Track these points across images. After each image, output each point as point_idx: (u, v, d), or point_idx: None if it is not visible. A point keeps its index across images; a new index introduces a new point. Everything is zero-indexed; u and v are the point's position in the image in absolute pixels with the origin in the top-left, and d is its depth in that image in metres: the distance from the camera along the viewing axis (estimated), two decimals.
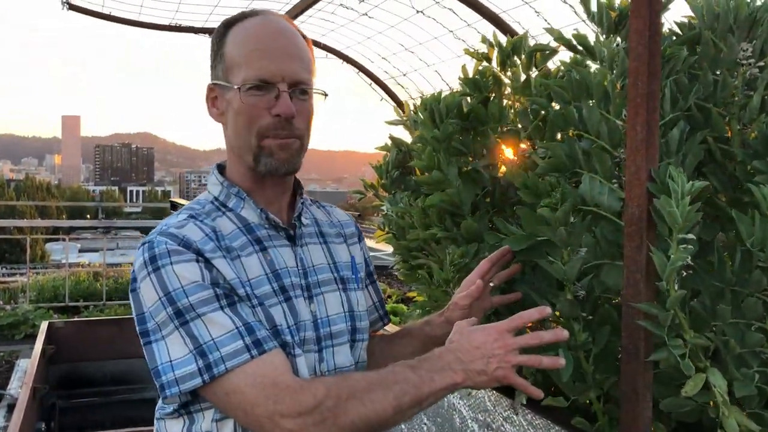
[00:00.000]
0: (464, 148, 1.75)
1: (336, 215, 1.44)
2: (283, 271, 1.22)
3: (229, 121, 1.23)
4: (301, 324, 1.20)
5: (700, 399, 1.30)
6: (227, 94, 1.21)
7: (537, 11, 2.74)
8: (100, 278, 8.79)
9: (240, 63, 1.18)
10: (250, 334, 1.08)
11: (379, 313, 1.50)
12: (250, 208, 1.24)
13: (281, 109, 1.17)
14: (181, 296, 1.08)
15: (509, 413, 1.79)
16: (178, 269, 1.10)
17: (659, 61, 1.24)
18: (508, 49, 1.73)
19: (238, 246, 1.19)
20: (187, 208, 1.24)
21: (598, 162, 1.39)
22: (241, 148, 1.22)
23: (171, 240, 1.12)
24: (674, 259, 1.19)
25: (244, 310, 1.12)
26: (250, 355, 1.06)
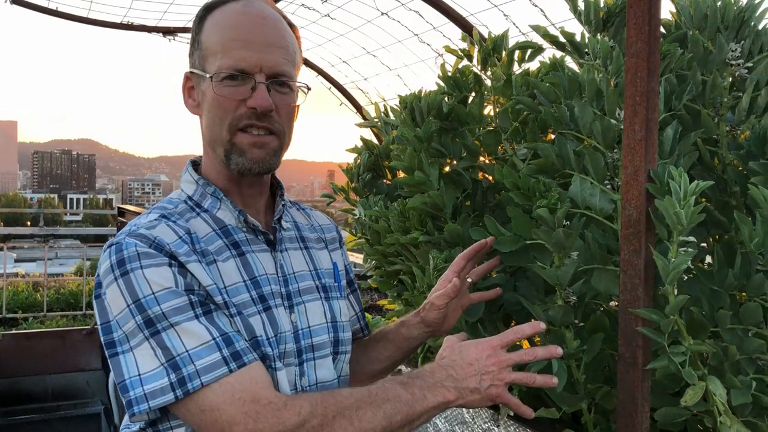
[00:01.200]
0: (443, 149, 1.69)
1: (316, 219, 1.35)
2: (263, 279, 1.12)
3: (203, 114, 1.13)
4: (282, 336, 1.11)
5: (697, 408, 1.25)
6: (202, 84, 1.12)
7: (505, 14, 2.71)
8: (40, 288, 8.42)
9: (216, 51, 1.09)
10: (228, 346, 0.99)
11: (360, 324, 1.42)
12: (227, 210, 1.14)
13: (257, 101, 1.07)
14: (152, 304, 0.98)
15: (489, 425, 1.72)
16: (149, 274, 0.99)
17: (658, 57, 1.19)
18: (489, 47, 1.68)
19: (214, 250, 1.09)
20: (158, 208, 1.14)
21: (591, 162, 1.34)
22: (215, 142, 1.12)
23: (141, 242, 1.02)
24: (677, 263, 1.14)
25: (221, 319, 1.02)
26: (229, 369, 0.97)
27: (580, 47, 1.48)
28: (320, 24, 4.01)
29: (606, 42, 1.33)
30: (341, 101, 4.70)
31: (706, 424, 1.36)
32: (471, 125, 1.69)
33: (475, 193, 1.68)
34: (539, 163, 1.44)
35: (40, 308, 7.97)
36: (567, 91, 1.39)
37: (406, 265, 1.74)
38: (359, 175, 2.07)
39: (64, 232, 12.60)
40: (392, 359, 1.37)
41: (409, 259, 1.73)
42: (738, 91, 1.45)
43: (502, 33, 1.69)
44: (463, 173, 1.65)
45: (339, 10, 3.71)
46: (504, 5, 2.69)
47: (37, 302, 8.14)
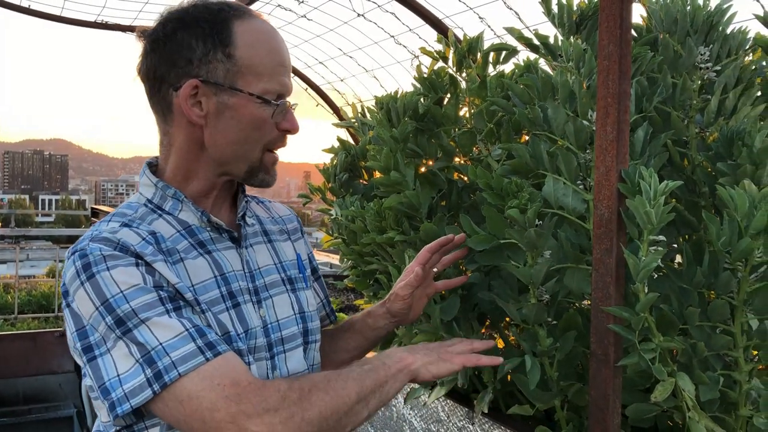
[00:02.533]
0: (419, 150, 1.70)
1: (276, 210, 1.36)
2: (231, 275, 1.13)
3: (222, 127, 1.11)
4: (252, 331, 1.12)
5: (666, 404, 1.28)
6: (228, 99, 1.09)
7: (480, 17, 2.74)
8: (11, 290, 8.29)
9: (261, 72, 1.09)
10: (201, 336, 0.98)
11: (326, 310, 1.45)
12: (189, 211, 1.14)
13: (292, 125, 1.15)
14: (121, 302, 0.97)
15: (464, 423, 1.74)
16: (116, 274, 0.99)
17: (630, 60, 1.22)
18: (464, 49, 1.70)
19: (181, 249, 1.09)
20: (118, 215, 1.12)
21: (564, 163, 1.36)
22: (238, 158, 1.13)
23: (105, 245, 1.01)
24: (647, 261, 1.16)
25: (192, 314, 1.02)
26: (205, 358, 0.97)
27: (554, 50, 1.50)
28: (296, 25, 4.01)
29: (579, 44, 1.35)
30: (317, 102, 4.70)
31: (675, 420, 1.39)
32: (446, 126, 1.71)
33: (450, 193, 1.70)
34: (513, 164, 1.45)
35: (11, 310, 7.84)
36: (540, 92, 1.41)
37: (383, 264, 1.75)
38: (336, 175, 2.07)
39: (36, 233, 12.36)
40: (359, 349, 1.40)
41: (385, 259, 1.74)
42: (707, 93, 1.48)
43: (476, 35, 1.70)
44: (438, 173, 1.67)
45: (315, 11, 3.71)
46: (479, 8, 2.71)
47: (8, 304, 8.02)
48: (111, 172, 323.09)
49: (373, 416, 1.11)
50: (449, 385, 1.66)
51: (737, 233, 1.18)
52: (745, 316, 1.26)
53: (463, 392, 1.73)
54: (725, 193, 1.21)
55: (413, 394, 1.78)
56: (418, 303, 1.39)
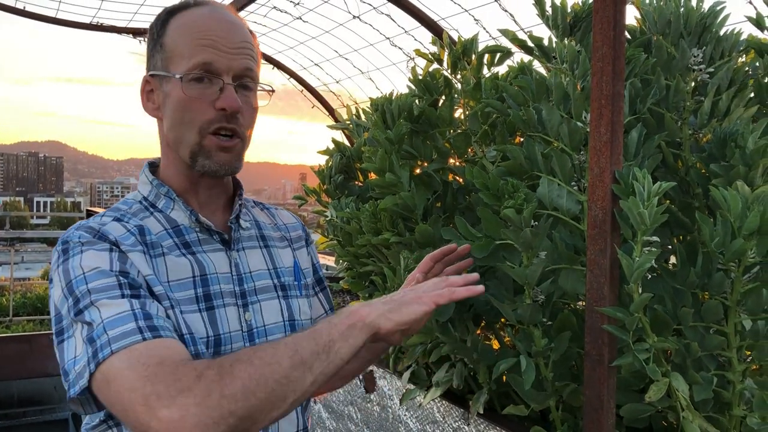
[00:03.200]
0: (414, 151, 1.71)
1: (282, 218, 1.35)
2: (212, 278, 1.12)
3: (166, 115, 1.13)
4: (226, 336, 1.10)
5: (660, 404, 1.29)
6: (165, 86, 1.12)
7: (476, 19, 2.74)
8: (6, 293, 8.26)
9: (183, 52, 1.10)
10: (146, 319, 0.94)
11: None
12: (179, 210, 1.15)
13: (226, 102, 1.08)
14: (81, 283, 0.97)
15: (460, 424, 1.74)
16: (84, 258, 0.99)
17: (623, 61, 1.23)
18: (459, 51, 1.70)
19: (165, 245, 1.10)
20: (113, 209, 1.14)
21: (558, 164, 1.37)
22: (179, 144, 1.12)
23: (86, 232, 1.04)
24: (641, 262, 1.17)
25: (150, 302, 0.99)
26: (142, 337, 0.91)
27: (548, 51, 1.51)
28: (292, 27, 4.01)
29: (573, 46, 1.36)
30: (313, 104, 4.70)
31: (669, 420, 1.39)
32: (441, 128, 1.71)
33: (445, 194, 1.70)
34: (508, 165, 1.46)
35: (6, 313, 7.82)
36: (535, 94, 1.42)
37: (378, 266, 1.75)
38: (331, 177, 2.08)
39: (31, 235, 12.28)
40: (362, 358, 1.36)
41: (381, 260, 1.74)
42: (700, 95, 1.49)
43: (471, 37, 1.71)
44: (433, 175, 1.67)
45: (311, 13, 3.71)
46: (474, 10, 2.72)
47: (3, 307, 8.00)
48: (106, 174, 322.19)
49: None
50: (444, 386, 1.66)
51: (730, 234, 1.18)
52: (739, 317, 1.27)
53: (458, 393, 1.73)
54: (718, 194, 1.22)
55: (409, 396, 1.79)
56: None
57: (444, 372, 1.64)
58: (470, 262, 1.38)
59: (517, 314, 1.38)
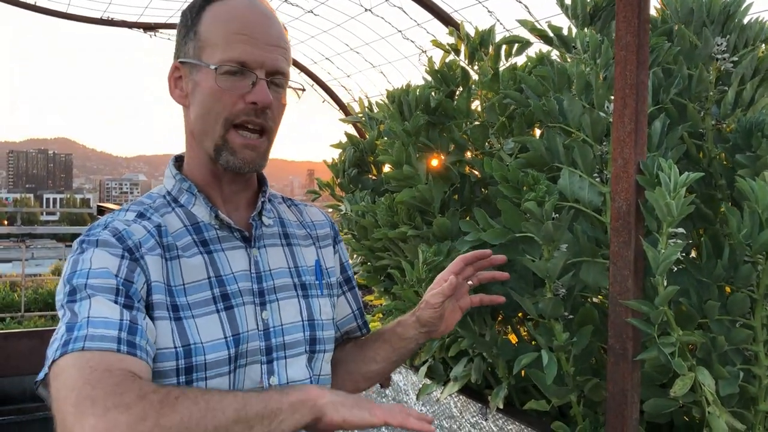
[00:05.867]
0: (431, 144, 1.69)
1: (310, 215, 1.32)
2: (228, 278, 1.10)
3: (194, 104, 1.11)
4: (244, 335, 1.08)
5: (685, 399, 1.26)
6: (196, 75, 1.10)
7: (489, 11, 2.72)
8: (17, 289, 8.30)
9: (218, 43, 1.08)
10: (130, 333, 0.93)
11: (358, 322, 1.38)
12: (201, 206, 1.13)
13: (258, 96, 1.06)
14: (83, 276, 0.97)
15: (477, 419, 1.73)
16: (96, 255, 1.00)
17: (648, 50, 1.20)
18: (476, 42, 1.68)
19: (181, 245, 1.08)
20: (137, 203, 1.14)
21: (580, 155, 1.35)
22: (204, 135, 1.10)
23: (109, 232, 1.04)
24: (667, 254, 1.14)
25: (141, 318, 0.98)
26: (117, 349, 0.90)
27: (568, 41, 1.48)
28: (303, 20, 3.98)
29: (595, 35, 1.34)
30: (323, 98, 4.67)
31: (692, 415, 1.37)
32: (458, 119, 1.69)
33: (462, 187, 1.68)
34: (528, 157, 1.44)
35: (18, 308, 7.86)
36: (556, 84, 1.40)
37: (394, 259, 1.73)
38: (344, 171, 2.06)
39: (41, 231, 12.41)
40: (388, 360, 1.32)
41: (397, 254, 1.72)
42: (723, 85, 1.46)
43: (489, 27, 1.69)
44: (451, 167, 1.65)
45: (322, 6, 3.68)
46: (488, 1, 2.69)
47: (15, 302, 8.03)
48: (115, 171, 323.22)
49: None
50: (462, 380, 1.64)
51: (758, 225, 1.16)
52: (766, 310, 1.25)
53: (475, 388, 1.72)
54: (745, 185, 1.20)
55: (425, 390, 1.77)
56: (451, 315, 1.30)
57: (462, 366, 1.63)
58: (506, 275, 1.34)
59: (537, 308, 1.36)
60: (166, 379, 0.99)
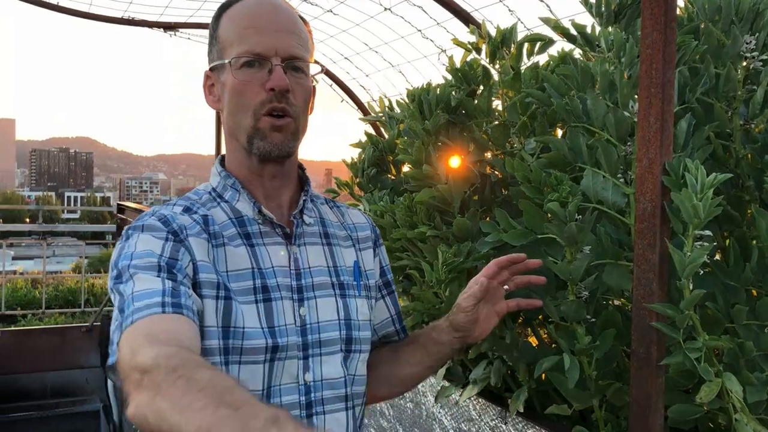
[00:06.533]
0: (451, 143, 1.67)
1: (351, 217, 1.33)
2: (268, 271, 1.12)
3: (225, 104, 1.16)
4: (280, 329, 1.10)
5: (711, 406, 1.24)
6: (222, 76, 1.16)
7: (510, 9, 2.69)
8: (38, 285, 8.40)
9: (232, 41, 1.13)
10: (173, 297, 0.97)
11: (396, 327, 1.37)
12: (244, 201, 1.17)
13: (275, 82, 1.10)
14: (127, 258, 1.03)
15: (497, 422, 1.70)
16: (141, 239, 1.05)
17: (674, 48, 1.18)
18: (497, 40, 1.66)
19: (226, 235, 1.12)
20: (184, 198, 1.19)
21: (603, 156, 1.32)
22: (237, 129, 1.15)
23: (155, 218, 1.09)
24: (693, 257, 1.12)
25: (185, 288, 1.00)
26: (162, 310, 0.94)
27: (592, 39, 1.46)
28: (322, 20, 3.98)
29: (619, 33, 1.31)
30: (342, 98, 4.67)
31: (718, 422, 1.34)
32: (479, 119, 1.67)
33: (483, 187, 1.66)
34: (550, 157, 1.42)
35: (39, 305, 7.95)
36: (579, 83, 1.37)
37: (413, 260, 1.72)
38: (364, 170, 2.05)
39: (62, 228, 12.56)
40: (423, 364, 1.31)
41: (416, 255, 1.71)
42: (752, 84, 1.43)
43: (511, 26, 1.67)
44: (471, 167, 1.63)
45: (342, 6, 3.68)
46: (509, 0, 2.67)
47: (36, 299, 8.13)
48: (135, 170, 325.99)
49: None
50: (482, 383, 1.62)
51: None
52: None
53: (494, 391, 1.70)
54: None
55: (444, 393, 1.75)
56: (486, 320, 1.28)
57: (482, 369, 1.61)
58: (543, 280, 1.31)
59: (560, 311, 1.34)
60: (213, 357, 1.03)
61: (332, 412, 1.14)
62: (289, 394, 1.10)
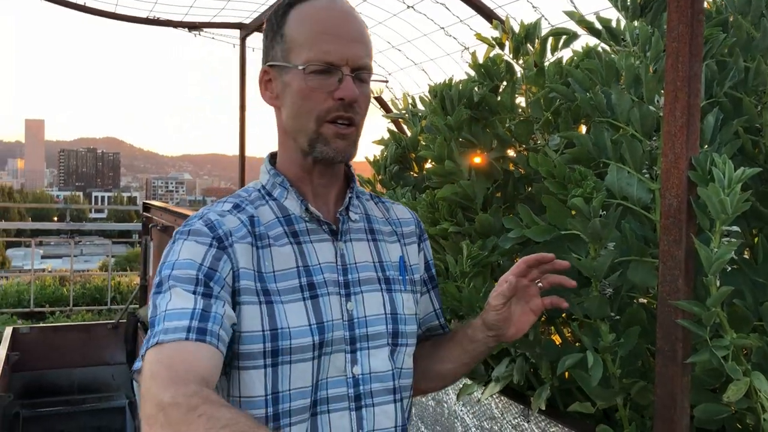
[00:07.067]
0: (474, 139, 1.66)
1: (396, 212, 1.34)
2: (315, 268, 1.15)
3: (285, 104, 1.17)
4: (328, 324, 1.13)
5: (739, 405, 1.21)
6: (285, 76, 1.16)
7: (534, 6, 2.67)
8: (66, 283, 8.52)
9: (303, 44, 1.13)
10: (201, 321, 1.00)
11: (439, 321, 1.38)
12: (292, 199, 1.19)
13: (345, 92, 1.12)
14: (168, 267, 1.06)
15: (519, 420, 1.69)
16: (185, 246, 1.08)
17: (701, 41, 1.16)
18: (521, 35, 1.64)
19: (272, 235, 1.15)
20: (234, 196, 1.21)
21: (628, 151, 1.30)
22: (298, 132, 1.16)
23: (202, 222, 1.11)
24: (720, 253, 1.10)
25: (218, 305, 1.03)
26: (185, 337, 0.98)
27: (617, 33, 1.44)
28: None
29: (645, 27, 1.29)
30: None
31: (746, 422, 1.32)
32: (502, 115, 1.66)
33: (506, 184, 1.65)
34: (574, 152, 1.40)
35: (66, 302, 8.07)
36: (604, 77, 1.35)
37: (435, 257, 1.71)
38: (386, 167, 2.05)
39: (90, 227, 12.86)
40: (459, 361, 1.31)
41: (438, 251, 1.70)
42: None
43: (534, 21, 1.65)
44: (494, 163, 1.62)
45: (365, 4, 3.68)
46: None
47: (64, 297, 8.25)
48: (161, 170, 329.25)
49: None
50: (504, 381, 1.61)
51: None
52: None
53: (517, 389, 1.68)
54: None
55: (466, 390, 1.74)
56: (522, 319, 1.24)
57: (504, 367, 1.60)
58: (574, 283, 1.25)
59: (583, 308, 1.32)
60: (254, 361, 1.06)
61: (381, 405, 1.16)
62: (336, 387, 1.12)
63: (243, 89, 5.41)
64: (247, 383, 1.07)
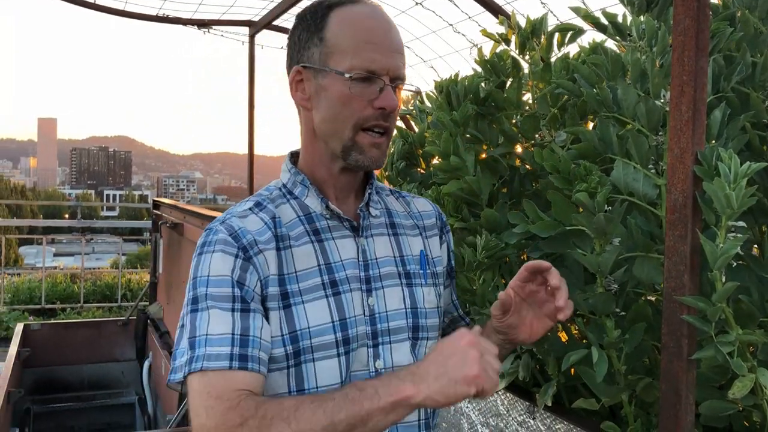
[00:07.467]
0: (480, 135, 1.65)
1: (417, 205, 1.35)
2: (337, 265, 1.17)
3: (320, 107, 1.17)
4: (351, 320, 1.15)
5: (745, 402, 1.21)
6: (322, 79, 1.15)
7: (543, 2, 2.66)
8: (77, 280, 8.58)
9: (347, 50, 1.13)
10: (242, 347, 1.05)
11: (459, 312, 1.40)
12: (313, 197, 1.20)
13: (386, 102, 1.13)
14: (203, 284, 1.08)
15: (525, 417, 1.69)
16: (214, 258, 1.10)
17: (707, 35, 1.15)
18: (527, 31, 1.64)
19: (293, 235, 1.16)
20: (256, 195, 1.23)
21: (634, 146, 1.30)
22: (331, 136, 1.17)
23: (225, 230, 1.12)
24: (726, 248, 1.09)
25: (255, 321, 1.08)
26: (229, 366, 1.03)
27: (623, 29, 1.43)
28: None
29: (651, 21, 1.28)
30: None
31: (752, 420, 1.31)
32: (508, 110, 1.65)
33: (512, 180, 1.65)
34: (580, 148, 1.40)
35: (77, 299, 8.13)
36: (610, 73, 1.35)
37: None
38: (393, 164, 2.05)
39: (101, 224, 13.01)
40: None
41: None
42: None
43: (541, 16, 1.65)
44: (500, 159, 1.62)
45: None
46: None
47: (75, 294, 8.31)
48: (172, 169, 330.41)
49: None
50: (510, 377, 1.61)
51: None
52: None
53: (522, 386, 1.68)
54: None
55: None
56: (536, 323, 1.21)
57: (510, 363, 1.59)
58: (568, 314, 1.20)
59: (588, 304, 1.32)
60: (279, 363, 1.09)
61: None
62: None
63: (252, 87, 5.41)
64: (271, 383, 1.09)
